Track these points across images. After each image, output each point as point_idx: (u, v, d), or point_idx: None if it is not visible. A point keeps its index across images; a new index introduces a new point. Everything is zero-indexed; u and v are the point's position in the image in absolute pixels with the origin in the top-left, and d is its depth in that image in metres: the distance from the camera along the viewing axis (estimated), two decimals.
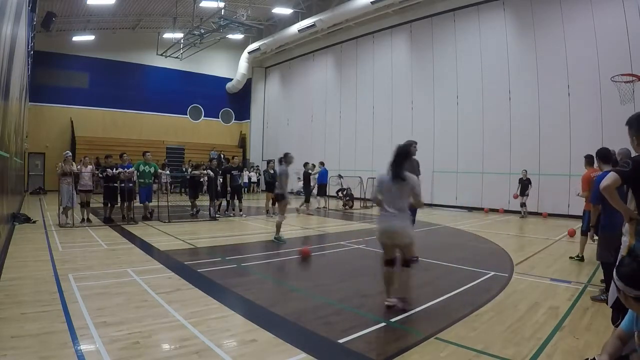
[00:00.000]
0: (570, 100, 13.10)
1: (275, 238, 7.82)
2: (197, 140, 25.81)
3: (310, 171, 14.30)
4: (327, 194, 15.44)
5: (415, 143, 5.69)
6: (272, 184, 12.76)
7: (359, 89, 20.68)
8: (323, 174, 15.26)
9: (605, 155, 4.70)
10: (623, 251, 2.57)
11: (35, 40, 17.02)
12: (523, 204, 13.08)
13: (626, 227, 2.59)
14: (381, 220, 4.02)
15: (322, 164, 15.69)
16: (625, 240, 2.57)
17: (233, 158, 12.82)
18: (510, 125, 14.58)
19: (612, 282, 2.63)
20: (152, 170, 10.42)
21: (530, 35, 14.14)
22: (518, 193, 13.05)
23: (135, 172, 10.13)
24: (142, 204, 10.55)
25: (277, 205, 12.16)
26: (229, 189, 12.05)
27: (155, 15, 21.20)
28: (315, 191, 14.86)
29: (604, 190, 2.53)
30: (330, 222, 11.71)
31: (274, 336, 3.24)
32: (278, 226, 7.87)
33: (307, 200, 13.93)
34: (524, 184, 12.95)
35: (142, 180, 10.30)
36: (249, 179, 23.17)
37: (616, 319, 2.56)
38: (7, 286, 4.38)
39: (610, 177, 2.50)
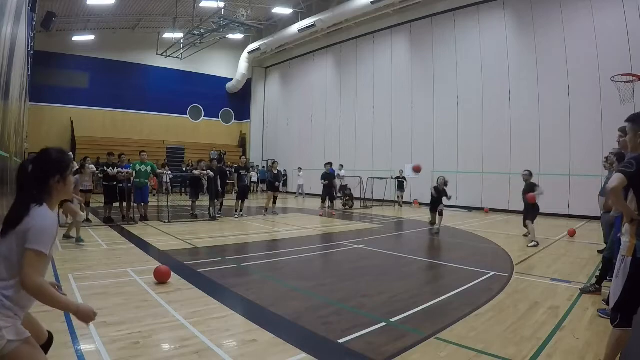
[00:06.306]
0: (570, 100, 13.10)
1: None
2: (197, 140, 25.83)
3: (332, 171, 14.53)
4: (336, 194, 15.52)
5: None
6: (273, 184, 12.90)
7: (359, 89, 20.68)
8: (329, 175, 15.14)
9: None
10: (623, 252, 2.58)
11: (35, 40, 17.02)
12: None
13: (626, 228, 2.61)
14: None
15: (329, 164, 15.50)
16: (626, 241, 2.57)
17: (240, 158, 12.87)
18: (510, 125, 14.58)
19: (614, 283, 2.63)
20: (149, 169, 10.38)
21: (530, 35, 14.14)
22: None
23: (133, 172, 10.11)
24: (141, 204, 10.51)
25: (275, 204, 12.28)
26: (236, 188, 12.13)
27: (155, 15, 21.20)
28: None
29: (612, 191, 2.54)
30: (330, 222, 11.69)
31: (274, 336, 3.24)
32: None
33: (330, 200, 14.21)
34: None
35: (138, 180, 10.27)
36: (250, 178, 23.16)
37: (615, 320, 2.56)
38: None
39: (618, 178, 2.51)
